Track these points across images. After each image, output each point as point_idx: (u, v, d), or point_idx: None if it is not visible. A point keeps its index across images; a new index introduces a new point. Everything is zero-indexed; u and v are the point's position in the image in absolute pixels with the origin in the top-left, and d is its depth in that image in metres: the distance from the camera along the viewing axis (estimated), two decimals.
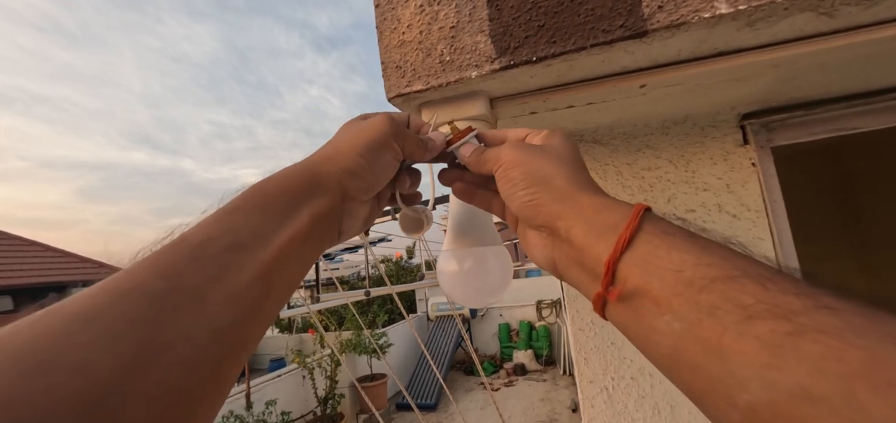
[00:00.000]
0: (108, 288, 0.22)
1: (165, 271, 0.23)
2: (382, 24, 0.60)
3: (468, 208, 0.59)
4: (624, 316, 0.28)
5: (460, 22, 0.54)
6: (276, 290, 0.28)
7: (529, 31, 0.51)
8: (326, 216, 0.33)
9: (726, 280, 0.23)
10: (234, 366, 0.26)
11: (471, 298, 0.60)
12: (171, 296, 0.22)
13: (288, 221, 0.30)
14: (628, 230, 0.27)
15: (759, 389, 0.20)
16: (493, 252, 0.59)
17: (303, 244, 0.31)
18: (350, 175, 0.35)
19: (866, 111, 0.75)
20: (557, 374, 7.66)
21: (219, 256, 0.25)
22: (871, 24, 0.49)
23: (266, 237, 0.28)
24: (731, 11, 0.44)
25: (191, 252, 0.25)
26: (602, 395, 0.77)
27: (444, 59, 0.55)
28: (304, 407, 6.03)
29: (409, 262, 11.28)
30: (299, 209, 0.31)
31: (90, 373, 0.18)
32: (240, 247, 0.26)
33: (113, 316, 0.20)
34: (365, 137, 0.37)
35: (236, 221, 0.28)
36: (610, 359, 0.77)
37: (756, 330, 0.20)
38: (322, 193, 0.33)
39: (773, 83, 0.66)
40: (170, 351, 0.21)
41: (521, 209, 0.36)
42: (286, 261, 0.29)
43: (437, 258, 0.70)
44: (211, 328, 0.23)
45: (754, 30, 0.49)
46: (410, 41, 0.57)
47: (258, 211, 0.29)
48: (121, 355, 0.19)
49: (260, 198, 0.30)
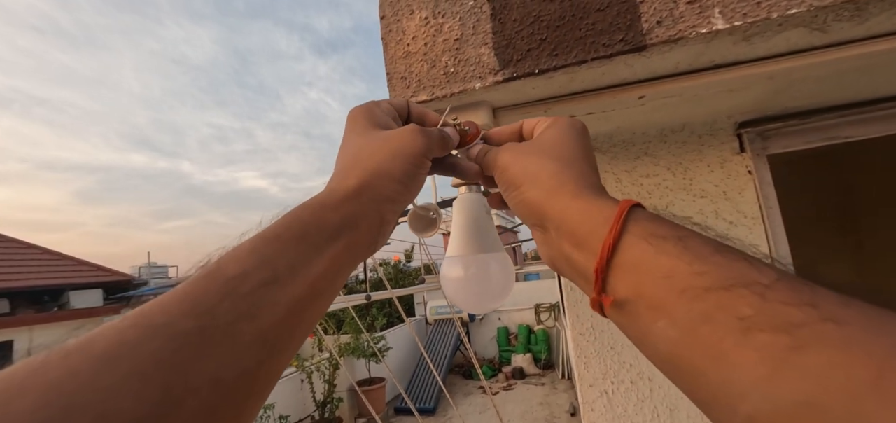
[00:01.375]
0: (137, 322, 0.21)
1: (197, 308, 0.22)
2: (388, 35, 0.61)
3: (472, 216, 0.60)
4: (621, 319, 0.27)
5: (464, 35, 0.56)
6: (303, 326, 0.28)
7: (532, 45, 0.52)
8: (365, 240, 0.33)
9: (721, 290, 0.22)
10: (257, 405, 0.25)
11: (474, 303, 0.61)
12: (202, 335, 0.22)
13: (324, 254, 0.29)
14: (611, 236, 0.27)
15: (761, 401, 0.19)
16: (495, 259, 0.60)
17: (337, 274, 0.30)
18: (390, 202, 0.35)
19: (859, 120, 0.77)
20: (556, 378, 7.66)
21: (253, 293, 0.24)
22: (863, 39, 0.51)
23: (302, 271, 0.27)
24: (727, 27, 0.46)
25: (224, 287, 0.24)
26: (602, 399, 0.78)
27: (449, 71, 0.56)
28: (302, 411, 6.02)
29: (407, 265, 11.28)
30: (337, 241, 0.30)
31: (113, 419, 0.18)
32: (274, 282, 0.26)
33: (141, 356, 0.20)
34: (403, 163, 0.35)
35: (273, 252, 0.27)
36: (610, 363, 0.78)
37: (755, 342, 0.20)
38: (361, 222, 0.32)
39: (769, 93, 0.68)
40: (196, 396, 0.20)
41: (515, 209, 0.36)
42: (319, 293, 0.28)
43: (436, 262, 0.71)
44: (239, 370, 0.23)
45: (750, 44, 0.50)
46: (415, 53, 0.59)
47: (296, 242, 0.28)
48: (146, 400, 0.19)
49: (299, 228, 0.29)
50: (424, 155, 0.37)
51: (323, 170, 19.86)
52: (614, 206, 0.28)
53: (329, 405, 6.06)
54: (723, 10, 0.46)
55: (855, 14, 0.46)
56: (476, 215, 0.61)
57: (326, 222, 0.30)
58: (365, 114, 0.39)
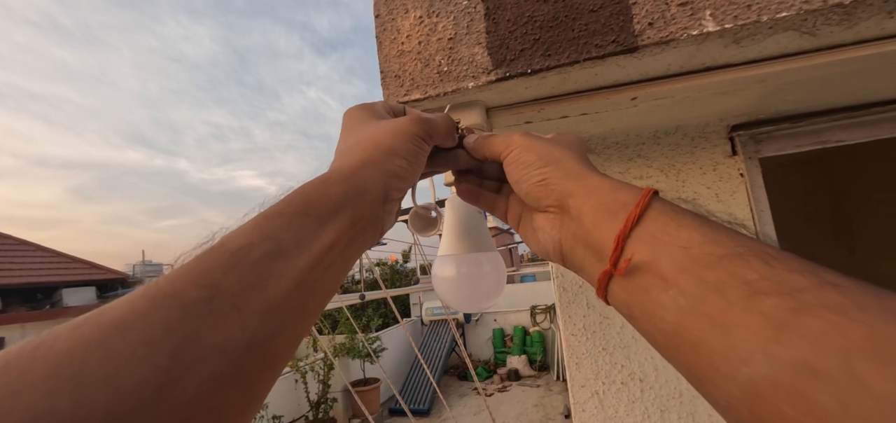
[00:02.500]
0: (146, 293, 0.21)
1: (202, 279, 0.23)
2: (382, 34, 0.61)
3: (464, 215, 0.60)
4: (628, 294, 0.28)
5: (458, 34, 0.56)
6: (314, 298, 0.28)
7: (525, 45, 0.53)
8: (368, 218, 0.32)
9: (732, 258, 0.23)
10: (268, 380, 0.25)
11: (465, 303, 0.61)
12: (209, 305, 0.22)
13: (329, 225, 0.29)
14: (639, 207, 0.28)
15: (762, 363, 0.20)
16: (487, 258, 0.60)
17: (344, 249, 0.30)
18: (395, 177, 0.35)
19: (850, 125, 0.78)
20: (551, 380, 7.67)
21: (258, 263, 0.24)
22: (852, 44, 0.52)
23: (307, 244, 0.27)
24: (718, 29, 0.46)
25: (229, 259, 0.24)
26: (593, 399, 0.78)
27: (442, 70, 0.56)
28: (295, 411, 6.00)
29: (404, 266, 11.28)
30: (341, 213, 0.30)
31: (120, 387, 0.18)
32: (280, 254, 0.26)
33: (149, 324, 0.20)
34: (405, 141, 0.36)
35: (277, 226, 0.27)
36: (601, 364, 0.78)
37: (760, 306, 0.21)
38: (366, 195, 0.32)
39: (760, 97, 0.68)
40: (205, 364, 0.21)
41: (533, 190, 0.36)
42: (327, 268, 0.28)
43: (432, 263, 0.71)
44: (247, 340, 0.23)
45: (740, 47, 0.51)
46: (409, 51, 0.59)
47: (300, 216, 0.28)
48: (154, 367, 0.19)
49: (302, 202, 0.29)
50: (426, 137, 0.38)
51: (321, 169, 20.18)
52: (639, 188, 0.30)
53: (323, 405, 6.04)
54: (714, 12, 0.46)
55: (844, 18, 0.46)
56: (468, 214, 0.61)
57: (330, 195, 0.30)
58: (363, 108, 0.40)
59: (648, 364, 0.77)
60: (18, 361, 0.18)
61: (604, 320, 0.80)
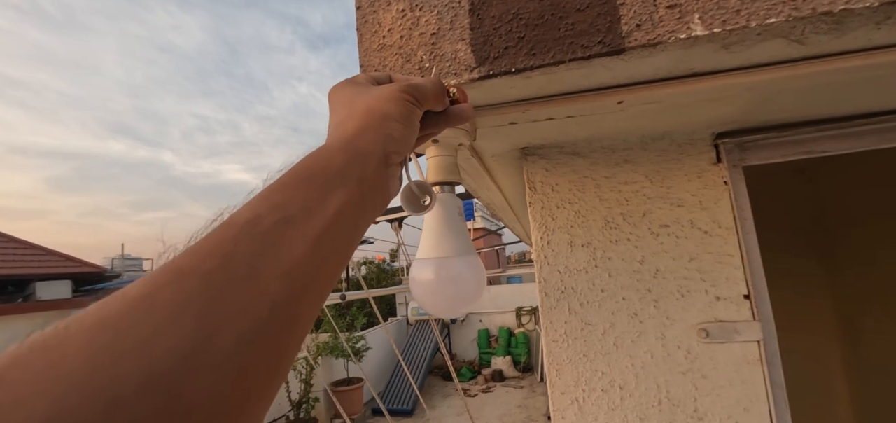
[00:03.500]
0: (166, 268, 0.22)
1: (216, 251, 0.23)
2: (363, 26, 0.59)
3: (444, 217, 0.58)
4: None
5: (441, 29, 0.54)
6: (329, 262, 0.28)
7: (509, 43, 0.51)
8: (373, 181, 0.33)
9: None
10: (293, 344, 0.26)
11: (443, 308, 0.59)
12: (226, 273, 0.23)
13: (335, 192, 0.29)
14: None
15: None
16: (467, 263, 0.58)
17: (354, 212, 0.30)
18: (392, 140, 0.35)
19: (835, 136, 0.78)
20: (535, 381, 7.71)
21: (269, 231, 0.25)
22: (840, 53, 0.51)
23: (315, 210, 0.28)
24: (706, 33, 0.45)
25: (239, 231, 0.25)
26: (573, 407, 0.77)
27: (424, 66, 0.54)
28: (276, 411, 5.91)
29: (391, 265, 11.21)
30: (346, 179, 0.31)
31: (154, 350, 0.19)
32: (289, 221, 0.26)
33: (173, 293, 0.21)
34: (398, 105, 0.37)
35: (283, 196, 0.28)
36: (582, 371, 0.77)
37: None
38: (369, 159, 0.33)
39: (748, 105, 0.68)
40: (230, 325, 0.21)
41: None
42: (338, 231, 0.29)
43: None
44: (268, 303, 0.23)
45: (729, 52, 0.49)
46: (391, 45, 0.56)
47: (305, 184, 0.29)
48: (182, 330, 0.20)
49: (306, 172, 0.30)
50: (417, 101, 0.38)
51: None
52: None
53: (305, 404, 5.96)
54: (702, 16, 0.45)
55: (833, 27, 0.45)
56: (448, 216, 0.59)
57: (333, 163, 0.31)
58: (348, 82, 0.40)
59: (629, 372, 0.76)
60: (57, 338, 0.18)
61: (585, 327, 0.78)
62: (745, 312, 0.75)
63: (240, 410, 0.22)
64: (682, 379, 0.75)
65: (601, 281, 0.79)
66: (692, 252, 0.77)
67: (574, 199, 0.83)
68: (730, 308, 0.75)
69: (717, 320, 0.75)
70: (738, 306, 0.75)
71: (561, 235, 0.82)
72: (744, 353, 0.74)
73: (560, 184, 0.83)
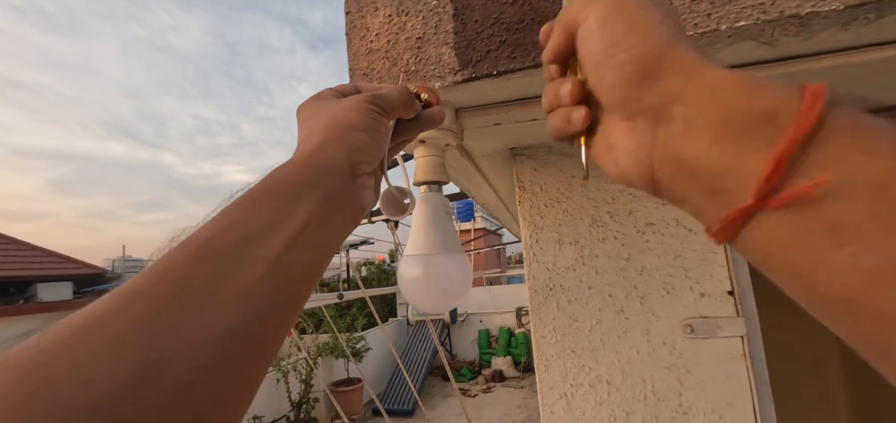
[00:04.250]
0: (116, 294, 0.21)
1: (169, 275, 0.22)
2: (352, 31, 0.61)
3: (431, 215, 0.60)
4: (772, 240, 0.21)
5: (426, 33, 0.56)
6: (295, 281, 0.27)
7: (491, 46, 0.53)
8: (340, 196, 0.32)
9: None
10: (258, 367, 0.25)
11: (431, 304, 0.61)
12: (180, 298, 0.21)
13: (299, 207, 0.28)
14: (812, 116, 0.19)
15: None
16: (454, 260, 0.60)
17: (320, 228, 0.29)
18: (358, 150, 0.34)
19: None
20: (535, 381, 7.71)
21: (227, 252, 0.24)
22: (809, 55, 0.53)
23: (277, 226, 0.26)
24: None
25: (195, 252, 0.24)
26: (561, 402, 0.79)
27: (410, 69, 0.56)
28: (277, 411, 5.92)
29: (391, 265, 11.23)
30: (309, 193, 0.29)
31: (98, 384, 0.18)
32: (249, 240, 0.25)
33: (120, 321, 0.20)
34: (361, 114, 0.36)
35: (243, 214, 0.26)
36: (569, 366, 0.79)
37: None
38: (331, 172, 0.31)
39: None
40: (183, 357, 0.20)
41: (618, 85, 0.27)
42: (303, 248, 0.27)
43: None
44: (226, 328, 0.22)
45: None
46: (378, 49, 0.58)
47: (266, 201, 0.28)
48: (129, 361, 0.19)
49: (267, 188, 0.29)
50: (382, 110, 0.37)
51: None
52: (786, 87, 0.21)
53: (305, 405, 5.98)
54: None
55: (800, 29, 0.47)
56: (435, 214, 0.61)
57: (296, 178, 0.30)
58: (313, 99, 0.39)
59: (615, 367, 0.77)
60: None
61: (574, 323, 0.80)
62: (729, 308, 0.76)
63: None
64: (667, 374, 0.76)
65: (588, 278, 0.81)
66: (677, 250, 0.79)
67: (562, 198, 0.84)
68: (714, 305, 0.77)
69: (701, 317, 0.77)
70: (722, 303, 0.77)
71: (549, 233, 0.84)
72: (728, 348, 0.76)
73: (548, 183, 0.85)
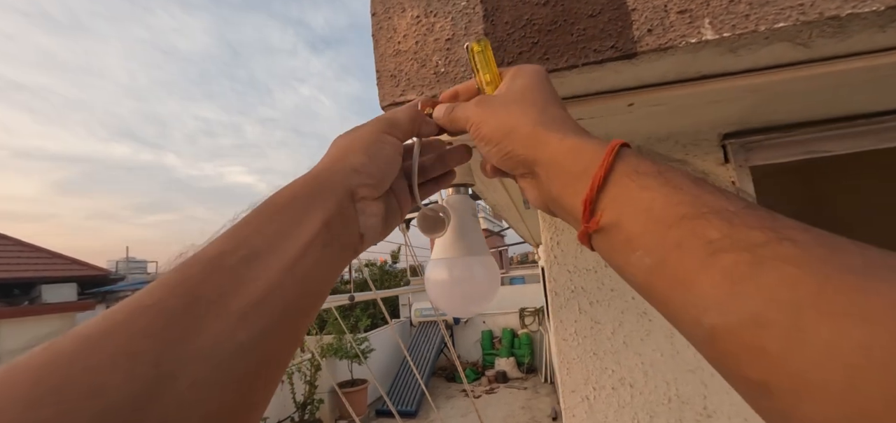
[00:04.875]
0: (125, 305, 0.21)
1: (180, 288, 0.23)
2: (378, 32, 0.60)
3: (458, 218, 0.60)
4: (604, 251, 0.30)
5: (456, 35, 0.55)
6: (298, 299, 0.28)
7: (523, 48, 0.52)
8: (339, 218, 0.33)
9: (694, 218, 0.24)
10: (264, 384, 0.25)
11: (458, 307, 0.61)
12: (189, 311, 0.22)
13: (300, 227, 0.30)
14: (602, 170, 0.29)
15: (719, 316, 0.21)
16: (480, 262, 0.60)
17: (321, 251, 0.30)
18: (354, 172, 0.35)
19: (837, 136, 0.79)
20: (538, 382, 7.70)
21: (234, 268, 0.25)
22: (843, 56, 0.52)
23: (280, 246, 0.28)
24: (715, 38, 0.47)
25: (204, 267, 0.24)
26: (583, 404, 0.78)
27: (439, 71, 0.56)
28: (281, 412, 5.92)
29: (393, 266, 11.22)
30: (309, 214, 0.31)
31: (106, 395, 0.18)
32: (255, 257, 0.26)
33: (130, 333, 0.20)
34: (361, 136, 0.38)
35: (249, 232, 0.28)
36: (591, 369, 0.78)
37: (720, 263, 0.22)
38: (329, 195, 0.33)
39: (752, 106, 0.69)
40: (190, 369, 0.21)
41: (500, 163, 0.37)
42: (305, 268, 0.29)
43: (422, 264, 0.71)
44: (233, 344, 0.23)
45: (736, 56, 0.51)
46: (406, 51, 0.58)
47: (270, 220, 0.29)
48: (138, 374, 0.19)
49: (271, 208, 0.30)
50: (387, 129, 0.39)
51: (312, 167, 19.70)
52: (602, 143, 0.30)
53: (309, 406, 5.98)
54: (712, 21, 0.46)
55: (837, 31, 0.47)
56: (462, 217, 0.60)
57: (297, 198, 0.31)
58: (348, 131, 0.42)
59: (638, 370, 0.77)
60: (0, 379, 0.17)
61: (595, 325, 0.80)
62: None
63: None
64: (690, 377, 0.76)
65: (610, 280, 0.80)
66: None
67: None
68: None
69: None
70: None
71: (570, 235, 0.83)
72: None
73: None
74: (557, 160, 0.33)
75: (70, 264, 10.01)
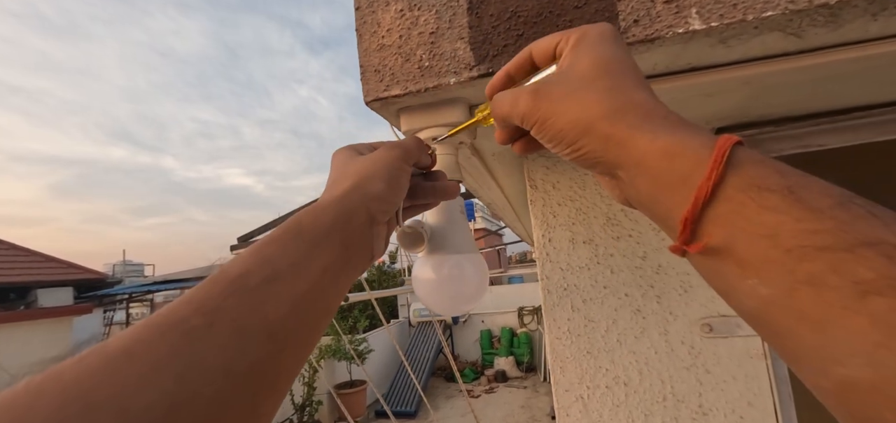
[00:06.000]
0: (150, 323, 0.22)
1: (204, 306, 0.24)
2: (362, 27, 0.59)
3: (446, 216, 0.59)
4: (703, 269, 0.25)
5: (440, 28, 0.54)
6: (311, 322, 0.29)
7: (508, 40, 0.51)
8: (358, 242, 0.35)
9: (839, 250, 0.19)
10: (272, 401, 0.26)
11: (446, 306, 0.60)
12: (211, 330, 0.23)
13: (321, 249, 0.31)
14: (710, 181, 0.23)
15: (862, 366, 0.18)
16: (469, 260, 0.58)
17: (338, 273, 0.32)
18: (376, 200, 0.37)
19: (831, 130, 0.78)
20: (538, 381, 7.70)
21: (257, 288, 0.26)
22: (836, 45, 0.51)
23: (302, 268, 0.29)
24: (704, 28, 0.45)
25: (229, 286, 0.25)
26: (577, 404, 0.77)
27: (423, 65, 0.54)
28: (279, 414, 5.91)
29: (391, 267, 11.20)
30: (331, 237, 0.32)
31: (130, 410, 0.18)
32: (276, 278, 0.27)
33: (155, 350, 0.21)
34: (384, 164, 0.39)
35: (273, 252, 0.28)
36: (586, 368, 0.77)
37: (871, 307, 0.18)
38: (352, 220, 0.34)
39: (745, 100, 0.68)
40: (210, 385, 0.21)
41: (577, 163, 0.32)
42: (322, 291, 0.30)
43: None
44: (249, 361, 0.23)
45: (726, 47, 0.50)
46: (390, 45, 0.57)
47: (294, 242, 0.30)
48: (162, 390, 0.20)
49: (296, 228, 0.31)
50: (403, 159, 0.41)
51: (310, 169, 18.96)
52: (707, 143, 0.25)
53: (308, 408, 5.96)
54: (700, 10, 0.45)
55: (829, 20, 0.46)
56: (450, 215, 0.59)
57: (320, 222, 0.32)
58: (349, 148, 0.43)
59: (633, 368, 0.76)
60: (26, 395, 0.18)
61: (589, 324, 0.79)
62: None
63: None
64: (686, 374, 0.75)
65: (603, 278, 0.79)
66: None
67: (575, 196, 0.83)
68: None
69: (719, 315, 0.75)
70: None
71: (562, 232, 0.82)
72: (747, 347, 0.74)
73: (561, 181, 0.84)
74: (647, 164, 0.27)
75: (66, 267, 9.96)
